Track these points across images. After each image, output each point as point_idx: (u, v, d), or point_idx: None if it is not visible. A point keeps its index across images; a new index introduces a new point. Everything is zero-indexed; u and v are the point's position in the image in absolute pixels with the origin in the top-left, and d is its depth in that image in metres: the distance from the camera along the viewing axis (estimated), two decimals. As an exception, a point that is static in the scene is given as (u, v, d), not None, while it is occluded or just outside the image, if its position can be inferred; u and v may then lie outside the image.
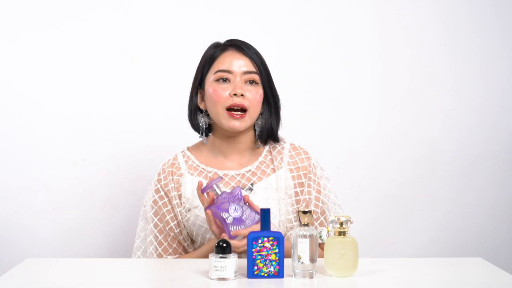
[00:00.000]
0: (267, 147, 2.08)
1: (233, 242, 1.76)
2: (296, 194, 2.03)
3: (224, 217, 1.80)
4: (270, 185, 2.01)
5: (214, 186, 1.83)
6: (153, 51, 2.65)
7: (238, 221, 1.80)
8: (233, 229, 1.80)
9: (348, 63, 2.75)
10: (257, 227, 1.77)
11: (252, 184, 2.01)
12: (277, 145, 2.08)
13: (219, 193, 1.82)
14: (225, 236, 1.80)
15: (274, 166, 2.05)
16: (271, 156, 2.06)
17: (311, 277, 1.64)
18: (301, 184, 2.04)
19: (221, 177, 1.86)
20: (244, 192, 1.95)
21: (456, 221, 2.81)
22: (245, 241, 1.78)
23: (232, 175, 2.02)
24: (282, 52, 2.70)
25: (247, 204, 1.82)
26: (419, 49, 2.77)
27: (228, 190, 1.89)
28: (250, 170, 2.03)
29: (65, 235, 2.63)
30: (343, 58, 2.74)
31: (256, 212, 1.82)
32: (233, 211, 1.80)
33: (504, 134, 2.81)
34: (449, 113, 2.78)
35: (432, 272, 1.75)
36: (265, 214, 1.65)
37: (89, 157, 2.63)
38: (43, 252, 2.60)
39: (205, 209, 1.83)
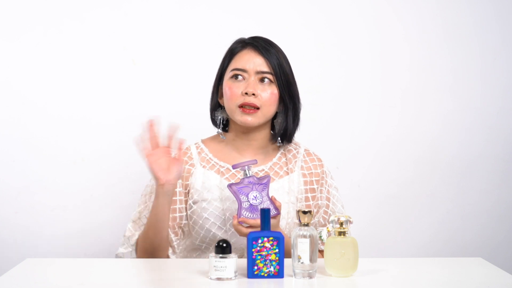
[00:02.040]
0: (281, 150, 2.10)
1: (234, 225, 1.81)
2: (307, 199, 2.05)
3: (242, 200, 1.82)
4: (282, 187, 2.03)
5: (246, 167, 1.85)
6: (153, 51, 2.65)
7: (253, 209, 1.82)
8: (245, 214, 1.82)
9: (348, 63, 2.74)
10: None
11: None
12: (292, 149, 2.10)
13: (248, 175, 1.85)
14: (235, 217, 1.82)
15: (287, 169, 2.06)
16: (285, 159, 2.08)
17: (311, 277, 1.64)
18: (312, 190, 2.06)
19: (256, 160, 1.89)
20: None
21: (456, 221, 2.81)
22: (248, 230, 1.79)
23: None
24: (282, 52, 2.70)
25: (269, 197, 1.85)
26: (419, 49, 2.76)
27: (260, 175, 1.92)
28: (263, 170, 2.04)
29: (65, 235, 2.62)
30: (343, 58, 2.74)
31: (276, 208, 1.84)
32: (252, 198, 1.83)
33: (504, 134, 2.81)
34: (449, 113, 2.78)
35: (432, 272, 1.75)
36: (265, 214, 1.65)
37: (89, 157, 2.63)
38: (43, 252, 2.60)
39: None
